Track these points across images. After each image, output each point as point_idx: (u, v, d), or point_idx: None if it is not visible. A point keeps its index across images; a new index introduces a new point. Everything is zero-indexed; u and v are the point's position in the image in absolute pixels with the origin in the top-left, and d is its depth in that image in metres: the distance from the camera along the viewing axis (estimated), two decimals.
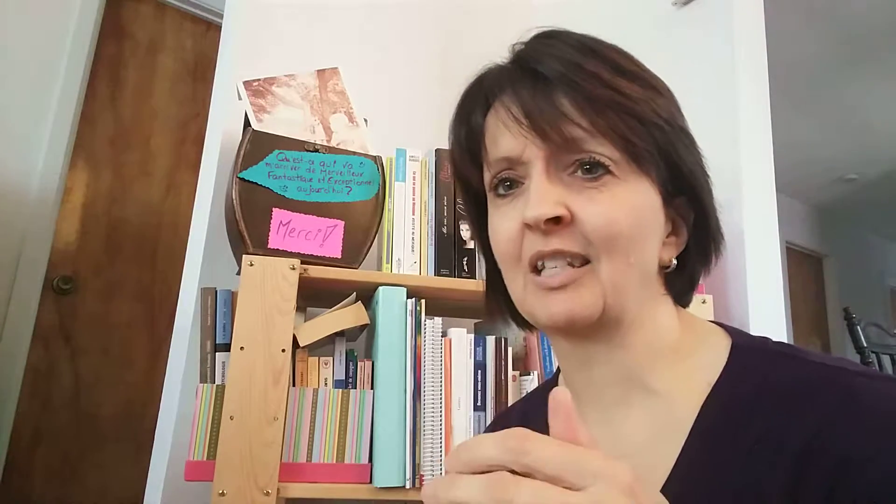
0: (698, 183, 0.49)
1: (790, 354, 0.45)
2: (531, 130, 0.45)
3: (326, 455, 0.95)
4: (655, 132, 0.46)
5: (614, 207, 0.44)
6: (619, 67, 0.47)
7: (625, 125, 0.44)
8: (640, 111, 0.45)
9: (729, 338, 0.48)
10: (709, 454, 0.42)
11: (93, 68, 2.17)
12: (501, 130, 0.48)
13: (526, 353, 1.12)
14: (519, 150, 0.46)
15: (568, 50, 0.46)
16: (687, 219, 0.50)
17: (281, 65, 1.15)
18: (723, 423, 0.43)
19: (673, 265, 0.50)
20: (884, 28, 2.70)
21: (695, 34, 1.34)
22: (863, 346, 2.17)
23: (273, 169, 1.01)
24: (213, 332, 0.98)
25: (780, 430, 0.40)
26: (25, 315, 1.93)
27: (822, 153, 3.96)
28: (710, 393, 0.45)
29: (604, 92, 0.45)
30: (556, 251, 0.45)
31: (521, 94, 0.46)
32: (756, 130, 1.23)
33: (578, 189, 0.45)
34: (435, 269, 1.11)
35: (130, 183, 2.22)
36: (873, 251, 5.34)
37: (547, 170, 0.45)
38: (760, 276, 1.15)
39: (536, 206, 0.44)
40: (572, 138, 0.44)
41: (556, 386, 0.59)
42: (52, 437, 1.97)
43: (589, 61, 0.46)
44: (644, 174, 0.46)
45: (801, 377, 0.42)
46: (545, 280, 0.45)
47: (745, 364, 0.45)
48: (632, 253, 0.45)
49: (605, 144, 0.44)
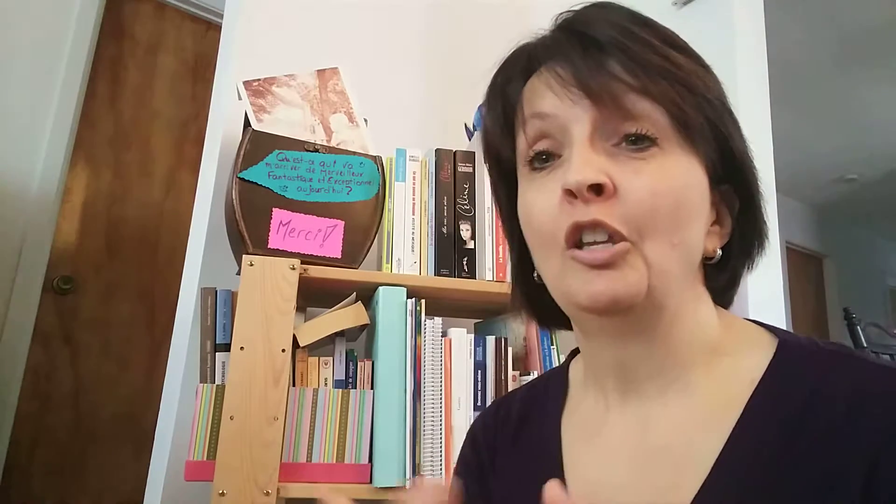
0: (748, 169, 0.46)
1: (844, 353, 0.42)
2: (580, 90, 0.43)
3: (326, 455, 0.95)
4: (706, 106, 0.44)
5: (661, 180, 0.41)
6: (671, 40, 0.45)
7: (676, 93, 0.42)
8: (692, 82, 0.43)
9: (773, 335, 0.46)
10: (755, 453, 0.40)
11: (93, 68, 2.17)
12: (542, 92, 0.45)
13: (526, 353, 1.12)
14: (562, 111, 0.44)
15: (619, 17, 0.45)
16: (732, 208, 0.47)
17: (281, 65, 1.15)
18: (771, 422, 0.40)
19: (718, 256, 0.46)
20: (884, 28, 2.70)
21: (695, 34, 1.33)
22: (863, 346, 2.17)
23: (273, 169, 1.01)
24: (213, 332, 0.98)
25: (842, 435, 0.37)
26: (25, 315, 1.93)
27: (822, 153, 3.96)
28: (756, 390, 0.42)
29: (656, 59, 0.43)
30: (596, 221, 0.41)
31: (569, 56, 0.44)
32: (756, 130, 1.23)
33: (624, 160, 0.42)
34: (435, 269, 1.11)
35: (130, 183, 2.22)
36: (873, 251, 5.34)
37: (592, 137, 0.43)
38: (760, 276, 1.15)
39: (579, 171, 0.41)
40: (622, 101, 0.42)
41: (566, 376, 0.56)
42: (52, 437, 1.97)
43: (642, 29, 0.44)
44: (693, 150, 0.43)
45: (862, 380, 0.39)
46: (588, 255, 0.41)
47: (794, 362, 0.42)
48: (675, 233, 0.42)
49: (656, 111, 0.42)
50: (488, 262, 1.12)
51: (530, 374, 1.07)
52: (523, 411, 0.57)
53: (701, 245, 0.45)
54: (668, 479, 0.43)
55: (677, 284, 0.43)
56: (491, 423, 0.60)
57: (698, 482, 0.41)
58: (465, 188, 1.15)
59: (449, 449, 0.98)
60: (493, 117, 0.50)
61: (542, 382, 0.60)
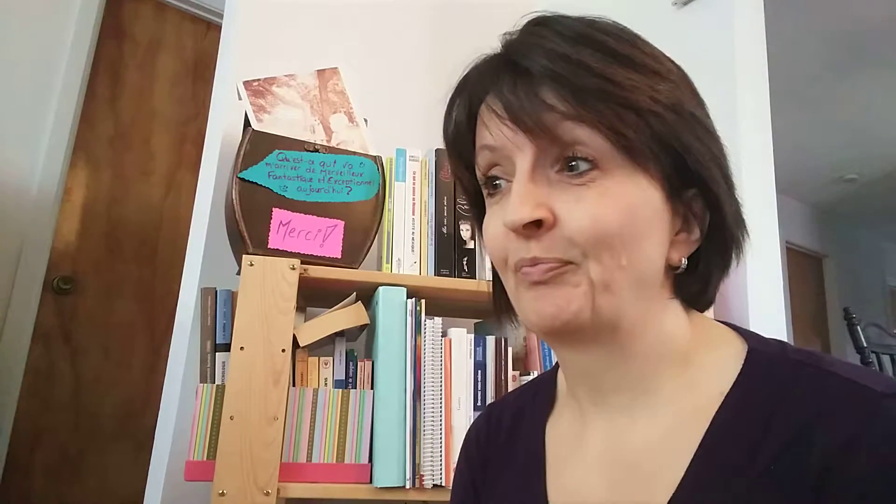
0: (709, 174, 0.44)
1: (811, 364, 0.41)
2: (512, 123, 0.42)
3: (326, 455, 0.95)
4: (652, 121, 0.42)
5: (603, 205, 0.41)
6: (614, 53, 0.43)
7: (614, 115, 0.41)
8: (634, 99, 0.41)
9: (744, 343, 0.45)
10: (719, 468, 0.40)
11: (93, 68, 2.17)
12: (487, 123, 0.45)
13: (526, 353, 1.12)
14: (504, 142, 0.44)
15: (556, 40, 0.43)
16: (700, 214, 0.46)
17: (281, 65, 1.15)
18: (736, 437, 0.40)
19: (683, 265, 0.45)
20: (884, 28, 2.70)
21: (695, 34, 1.34)
22: (863, 346, 2.17)
23: (273, 169, 1.01)
24: (213, 332, 0.98)
25: (799, 448, 0.37)
26: (25, 315, 1.93)
27: (822, 153, 3.96)
28: (723, 403, 0.42)
29: (591, 81, 0.41)
30: (535, 259, 0.42)
31: (501, 89, 0.44)
32: (756, 130, 1.23)
33: (565, 188, 0.42)
34: (435, 269, 1.11)
35: (130, 183, 2.22)
36: (873, 251, 5.34)
37: (532, 168, 0.43)
38: (760, 276, 1.15)
39: (515, 210, 0.42)
40: (556, 132, 0.41)
41: (555, 382, 0.57)
42: (52, 437, 1.97)
43: (580, 48, 0.42)
44: (639, 168, 0.42)
45: (824, 393, 0.39)
46: (528, 271, 0.42)
47: (760, 373, 0.42)
48: (624, 254, 0.41)
49: (593, 136, 0.41)
50: (488, 262, 1.11)
51: (530, 374, 1.07)
52: (514, 419, 0.58)
53: (659, 258, 0.44)
54: (640, 496, 0.43)
55: (630, 302, 0.43)
56: (483, 434, 0.60)
57: (666, 499, 0.41)
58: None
59: (449, 449, 0.98)
60: (449, 147, 0.51)
61: (532, 388, 0.60)
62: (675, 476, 0.41)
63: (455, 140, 0.50)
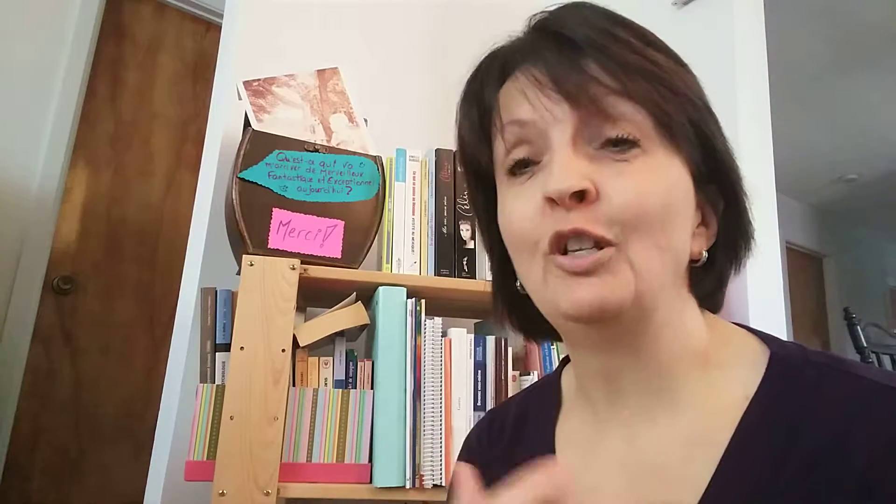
0: (731, 168, 0.45)
1: (837, 368, 0.41)
2: (557, 93, 0.41)
3: (326, 455, 0.95)
4: (687, 105, 0.42)
5: (646, 181, 0.40)
6: (649, 39, 0.44)
7: (657, 93, 0.41)
8: (674, 82, 0.42)
9: (763, 346, 0.44)
10: (749, 474, 0.39)
11: (93, 68, 2.17)
12: (519, 97, 0.43)
13: (526, 353, 1.12)
14: (540, 116, 0.42)
15: (595, 16, 0.43)
16: (717, 209, 0.46)
17: (281, 65, 1.15)
18: (764, 441, 0.39)
19: (704, 258, 0.45)
20: (884, 28, 2.70)
21: (695, 34, 1.34)
22: (863, 346, 2.17)
23: (273, 169, 1.01)
24: (213, 332, 0.98)
25: (835, 454, 0.37)
26: (25, 315, 1.93)
27: (822, 153, 3.96)
28: (748, 407, 0.41)
29: (636, 58, 0.41)
30: (577, 230, 0.39)
31: (545, 57, 0.42)
32: (756, 130, 1.23)
33: (607, 163, 0.41)
34: (435, 269, 1.11)
35: (130, 183, 2.22)
36: (873, 251, 5.33)
37: (573, 141, 0.41)
38: (760, 276, 1.15)
39: (561, 178, 0.39)
40: (602, 104, 0.41)
41: (558, 385, 0.55)
42: (52, 437, 1.97)
43: (618, 28, 0.43)
44: (675, 150, 0.42)
45: (856, 397, 0.38)
46: (570, 262, 0.40)
47: (785, 377, 0.41)
48: (662, 235, 0.40)
49: (637, 112, 0.41)
50: (488, 262, 1.11)
51: (530, 374, 1.07)
52: (518, 424, 0.57)
53: (688, 247, 0.44)
54: (663, 496, 0.42)
55: (665, 289, 0.42)
56: (485, 438, 0.59)
57: (694, 500, 0.40)
58: (465, 188, 1.15)
59: (449, 449, 0.98)
60: (469, 125, 0.49)
61: (536, 391, 0.59)
62: (701, 478, 0.40)
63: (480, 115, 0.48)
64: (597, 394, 0.48)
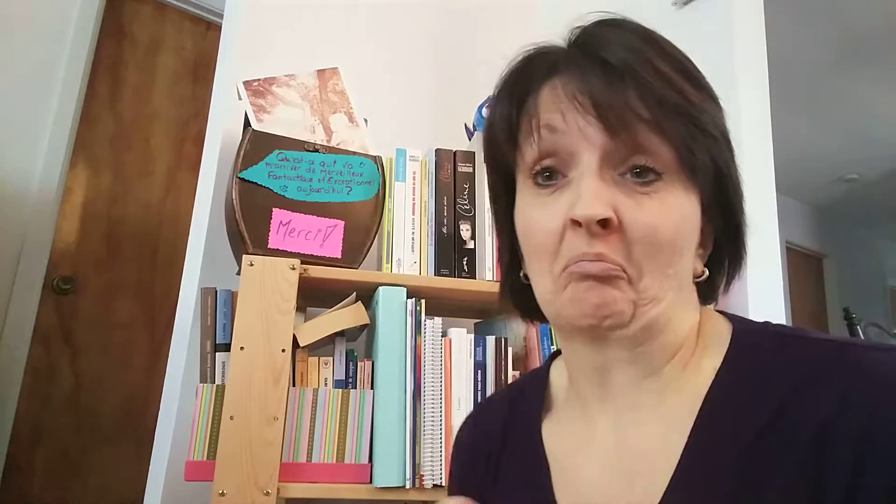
0: (738, 197, 0.48)
1: (793, 335, 0.43)
2: (596, 117, 0.43)
3: (326, 455, 0.95)
4: (712, 145, 0.45)
5: (662, 214, 0.43)
6: (684, 69, 0.46)
7: (688, 133, 0.43)
8: (702, 122, 0.44)
9: (729, 323, 0.47)
10: (714, 445, 0.41)
11: (93, 68, 2.17)
12: (556, 107, 0.45)
13: (526, 353, 1.12)
14: (573, 130, 0.44)
15: (634, 40, 0.45)
16: (716, 227, 0.49)
17: (281, 65, 1.15)
18: (728, 411, 0.42)
19: (705, 276, 0.48)
20: (884, 28, 2.70)
21: (695, 34, 1.33)
22: None
23: (273, 169, 1.01)
24: (213, 332, 0.98)
25: (793, 411, 0.39)
26: (25, 315, 1.93)
27: (822, 153, 3.96)
28: (713, 381, 0.44)
29: (672, 95, 0.43)
30: (600, 255, 0.42)
31: (589, 79, 0.44)
32: (756, 130, 1.23)
33: (628, 192, 0.43)
34: (435, 269, 1.11)
35: (130, 183, 2.22)
36: (873, 251, 5.33)
37: (601, 166, 0.43)
38: (760, 276, 1.15)
39: (590, 205, 0.42)
40: (635, 134, 0.43)
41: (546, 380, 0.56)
42: (52, 437, 1.97)
43: (656, 54, 0.44)
44: (693, 186, 0.44)
45: (810, 355, 0.41)
46: (585, 266, 0.43)
47: (747, 348, 0.44)
48: (671, 265, 0.43)
49: (664, 146, 0.43)
50: (488, 262, 1.12)
51: None
52: (503, 423, 0.57)
53: (691, 268, 0.47)
54: (647, 481, 0.43)
55: (667, 307, 0.45)
56: (468, 442, 0.60)
57: (667, 479, 0.42)
58: (465, 188, 1.15)
59: (449, 449, 0.97)
60: (500, 119, 0.50)
61: (519, 389, 0.60)
62: (673, 459, 0.42)
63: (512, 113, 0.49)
64: (588, 388, 0.49)
